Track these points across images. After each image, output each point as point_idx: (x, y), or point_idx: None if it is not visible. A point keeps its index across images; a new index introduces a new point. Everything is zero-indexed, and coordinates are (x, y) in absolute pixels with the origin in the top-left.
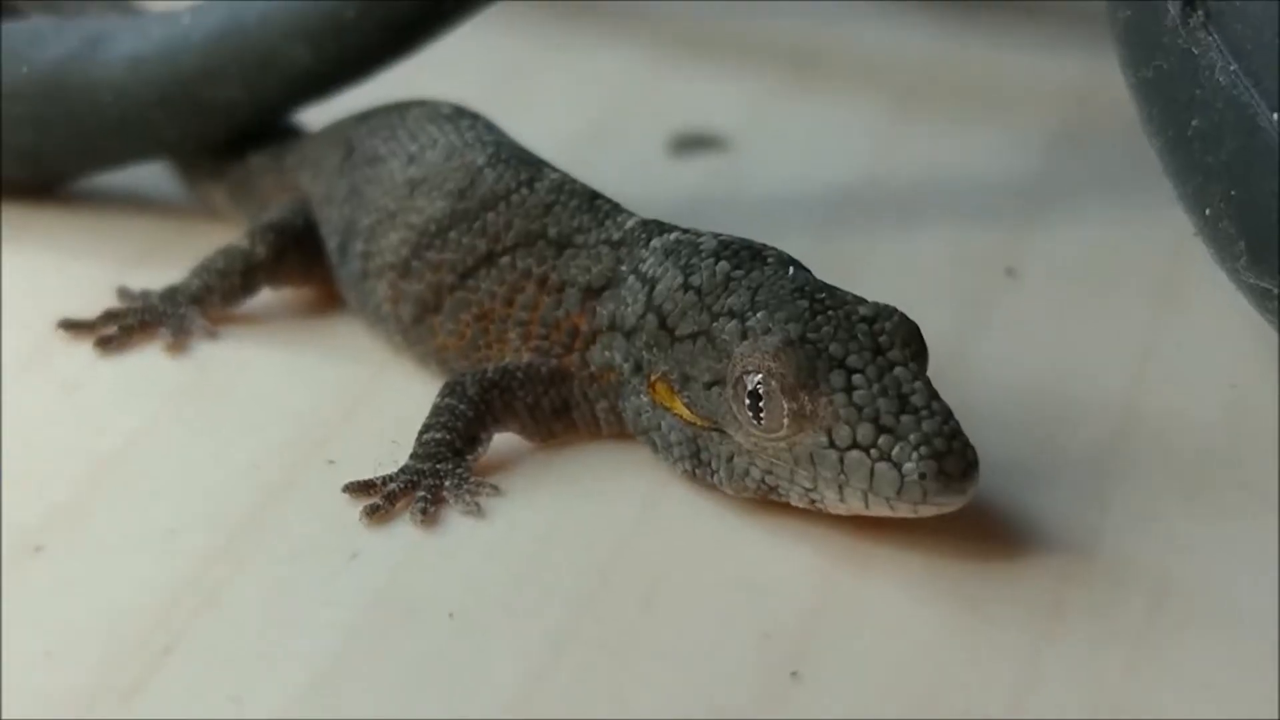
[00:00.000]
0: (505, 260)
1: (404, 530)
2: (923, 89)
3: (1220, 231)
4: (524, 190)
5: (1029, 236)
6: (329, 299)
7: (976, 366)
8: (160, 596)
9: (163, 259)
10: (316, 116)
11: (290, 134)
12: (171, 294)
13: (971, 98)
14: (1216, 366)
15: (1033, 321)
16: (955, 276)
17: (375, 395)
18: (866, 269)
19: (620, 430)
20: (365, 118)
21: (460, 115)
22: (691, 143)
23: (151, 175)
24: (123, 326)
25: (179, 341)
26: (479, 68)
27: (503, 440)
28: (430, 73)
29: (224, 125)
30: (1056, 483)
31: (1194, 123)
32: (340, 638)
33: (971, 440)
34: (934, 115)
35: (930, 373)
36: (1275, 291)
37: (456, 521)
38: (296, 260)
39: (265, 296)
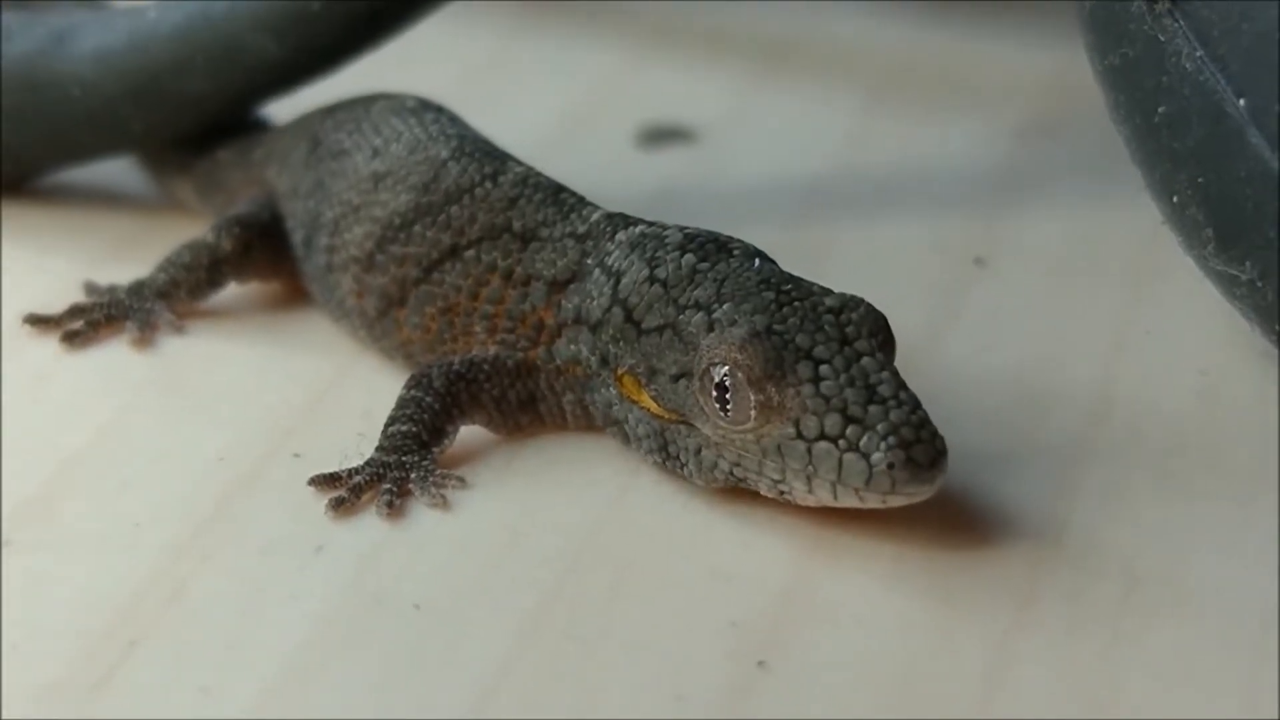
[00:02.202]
0: (470, 254)
1: (370, 523)
2: (893, 80)
3: (1188, 218)
4: (488, 184)
5: (999, 226)
6: (295, 293)
7: (946, 356)
8: (127, 590)
9: (130, 254)
10: (283, 110)
11: (257, 128)
12: (138, 288)
13: (942, 89)
14: (1186, 353)
15: (1003, 311)
16: (925, 267)
17: (341, 388)
18: (837, 260)
19: (587, 424)
20: (330, 111)
21: (425, 109)
22: (661, 135)
23: (118, 170)
24: (89, 321)
25: (145, 336)
26: (447, 60)
27: (469, 432)
28: (398, 65)
29: (191, 118)
30: (1027, 471)
31: (1161, 109)
32: (308, 630)
33: (941, 430)
34: (905, 106)
35: (900, 363)
36: (1243, 278)
37: (423, 514)
38: (262, 254)
39: (231, 290)
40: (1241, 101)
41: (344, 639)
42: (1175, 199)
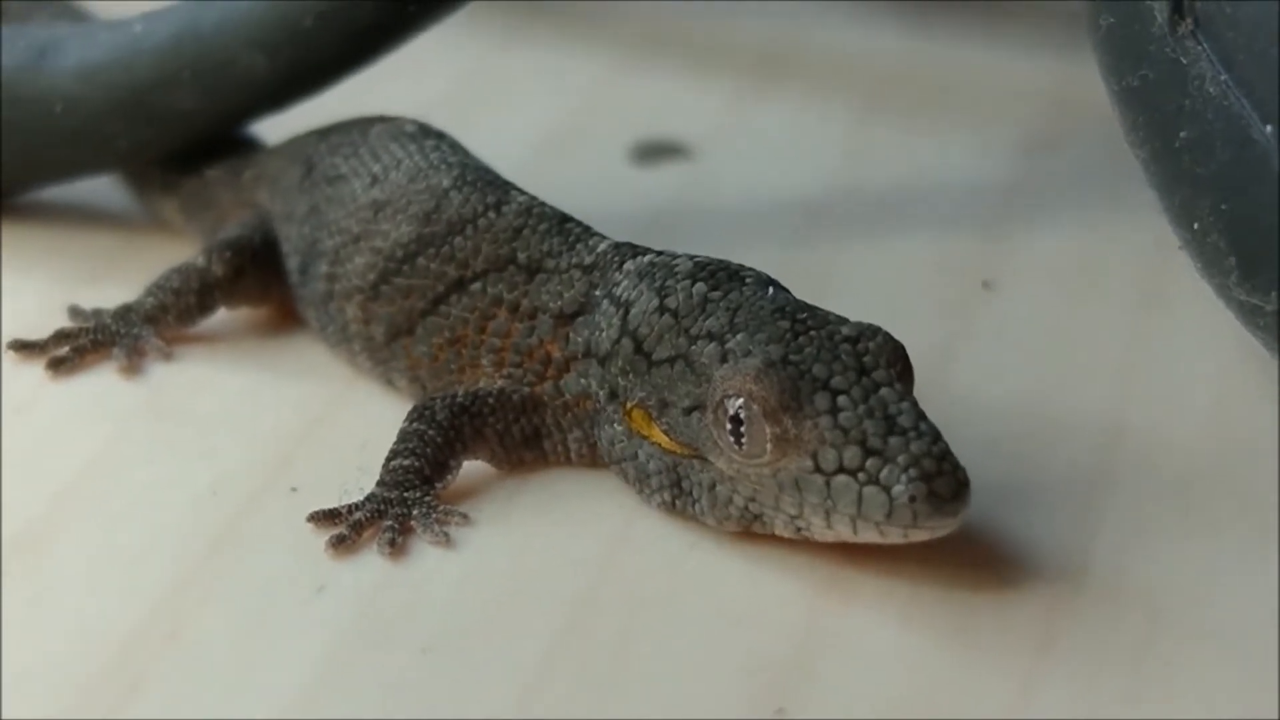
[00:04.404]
0: (475, 286)
1: (372, 561)
2: (894, 92)
3: (1209, 246)
4: (491, 214)
5: (1005, 245)
6: (285, 318)
7: (955, 383)
8: (124, 629)
9: (116, 276)
10: (272, 128)
11: (246, 147)
12: (125, 313)
13: (944, 101)
14: (1201, 377)
15: (1012, 334)
16: (931, 287)
17: (337, 416)
18: (839, 280)
19: (592, 461)
20: (325, 134)
21: (424, 134)
22: (656, 151)
23: (100, 187)
24: (75, 347)
25: (133, 363)
26: (440, 74)
27: (471, 466)
28: (390, 79)
29: (178, 135)
30: (1042, 502)
31: (1183, 134)
32: (310, 672)
33: None
34: (906, 120)
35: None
36: (1267, 308)
37: (425, 552)
38: (254, 279)
39: (221, 315)
40: (1268, 128)
41: (347, 681)
42: (1196, 225)
